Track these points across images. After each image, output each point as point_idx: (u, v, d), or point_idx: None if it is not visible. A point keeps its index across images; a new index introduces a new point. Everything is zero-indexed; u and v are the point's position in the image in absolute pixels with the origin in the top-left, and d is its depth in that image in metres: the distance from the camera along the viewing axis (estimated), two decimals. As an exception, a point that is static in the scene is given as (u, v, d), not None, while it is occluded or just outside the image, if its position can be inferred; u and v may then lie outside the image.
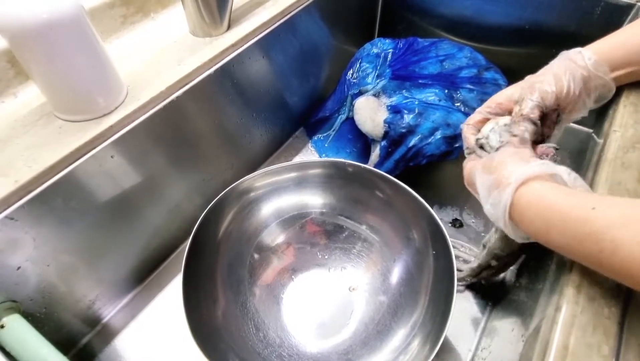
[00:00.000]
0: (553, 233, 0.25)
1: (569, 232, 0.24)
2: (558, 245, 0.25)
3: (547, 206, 0.26)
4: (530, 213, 0.27)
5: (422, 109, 0.51)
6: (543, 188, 0.27)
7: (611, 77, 0.35)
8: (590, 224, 0.23)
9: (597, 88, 0.35)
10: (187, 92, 0.42)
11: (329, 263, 0.48)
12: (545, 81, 0.34)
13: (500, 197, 0.28)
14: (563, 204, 0.25)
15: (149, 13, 0.49)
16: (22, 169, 0.32)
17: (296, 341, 0.42)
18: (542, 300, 0.27)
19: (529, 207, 0.27)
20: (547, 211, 0.26)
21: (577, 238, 0.23)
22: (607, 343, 0.21)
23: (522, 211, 0.27)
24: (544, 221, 0.26)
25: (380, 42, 0.60)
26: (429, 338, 0.37)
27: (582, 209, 0.24)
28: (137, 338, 0.45)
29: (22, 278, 0.35)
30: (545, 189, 0.26)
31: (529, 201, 0.27)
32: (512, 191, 0.27)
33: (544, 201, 0.26)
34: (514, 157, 0.30)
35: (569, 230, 0.24)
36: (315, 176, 0.48)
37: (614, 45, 0.35)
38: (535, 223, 0.26)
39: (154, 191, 0.45)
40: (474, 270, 0.42)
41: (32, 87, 0.40)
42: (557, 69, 0.34)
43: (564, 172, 0.27)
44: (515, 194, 0.28)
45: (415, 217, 0.44)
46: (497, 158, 0.31)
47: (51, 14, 0.30)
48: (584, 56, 0.34)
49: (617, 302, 0.23)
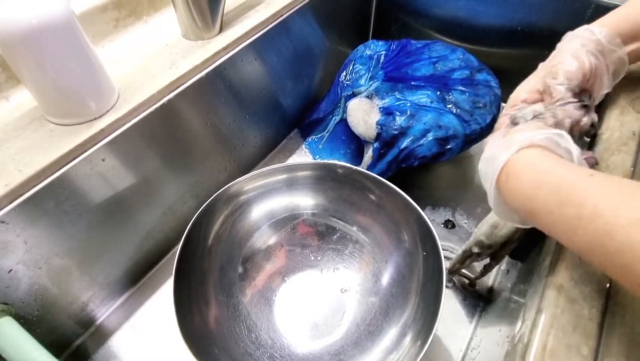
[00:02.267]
0: (537, 198, 0.24)
1: (554, 196, 0.23)
2: (536, 211, 0.25)
3: (540, 169, 0.25)
4: (519, 176, 0.26)
5: (414, 111, 0.51)
6: (544, 155, 0.26)
7: (625, 51, 0.33)
8: (579, 190, 0.22)
9: (614, 63, 0.33)
10: (179, 95, 0.42)
11: (321, 265, 0.48)
12: (564, 61, 0.32)
13: (499, 154, 0.27)
14: (558, 170, 0.24)
15: (142, 16, 0.50)
16: (13, 173, 0.33)
17: (288, 342, 0.43)
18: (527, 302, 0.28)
19: (518, 170, 0.26)
20: (537, 174, 0.25)
21: (561, 201, 0.23)
22: (586, 343, 0.22)
23: (511, 172, 0.26)
24: (531, 183, 0.25)
25: (373, 44, 0.60)
26: (419, 337, 0.37)
27: (578, 174, 0.23)
28: (130, 339, 0.45)
29: (14, 281, 0.35)
30: (546, 157, 0.25)
31: (519, 166, 0.26)
32: (513, 151, 0.26)
33: (539, 165, 0.25)
34: (535, 129, 0.28)
35: (556, 194, 0.23)
36: (306, 178, 0.49)
37: (620, 18, 0.34)
38: (524, 186, 0.25)
39: (147, 193, 0.45)
40: (459, 257, 0.43)
41: (23, 91, 0.40)
42: (570, 47, 0.33)
43: (574, 150, 0.26)
44: (515, 154, 0.26)
45: (405, 218, 0.44)
46: (520, 127, 0.29)
47: (41, 19, 0.31)
48: (594, 31, 0.33)
49: (598, 303, 0.23)
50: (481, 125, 0.51)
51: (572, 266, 0.25)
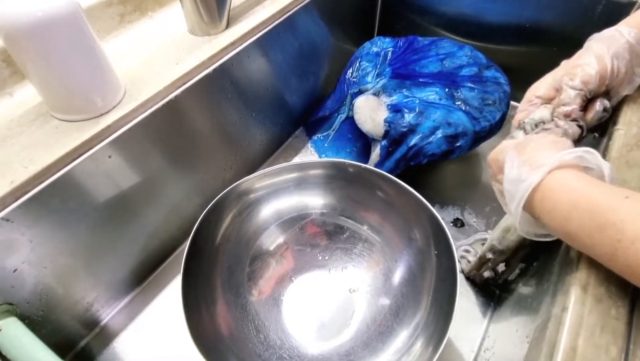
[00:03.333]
0: (573, 219, 0.24)
1: (593, 217, 0.23)
2: (573, 233, 0.24)
3: (576, 190, 0.25)
4: (555, 197, 0.25)
5: (422, 108, 0.50)
6: (575, 176, 0.25)
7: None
8: (617, 212, 0.22)
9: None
10: (185, 91, 0.42)
11: (330, 264, 0.47)
12: (585, 63, 0.32)
13: (528, 175, 0.27)
14: (595, 190, 0.24)
15: (147, 12, 0.49)
16: (18, 170, 0.32)
17: (297, 342, 0.42)
18: (547, 301, 0.27)
19: (554, 191, 0.26)
20: (573, 195, 0.24)
21: (599, 224, 0.22)
22: (615, 344, 0.21)
23: (546, 194, 0.26)
24: (568, 205, 0.24)
25: (380, 41, 0.60)
26: (432, 340, 0.36)
27: (615, 196, 0.23)
28: (136, 340, 0.44)
29: (19, 281, 0.34)
30: (577, 177, 0.25)
31: (555, 187, 0.26)
32: (544, 172, 0.26)
33: (573, 185, 0.25)
34: (552, 145, 0.28)
35: (594, 215, 0.23)
36: (315, 176, 0.48)
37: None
38: (557, 208, 0.25)
39: (153, 191, 0.44)
40: (475, 263, 0.43)
41: (28, 87, 0.39)
42: (597, 48, 0.32)
43: (605, 167, 0.26)
44: (547, 176, 0.26)
45: (416, 217, 0.43)
46: (535, 142, 0.29)
47: (46, 12, 0.30)
48: (622, 32, 0.33)
49: (625, 302, 0.22)
50: (490, 122, 0.51)
51: (596, 264, 0.25)
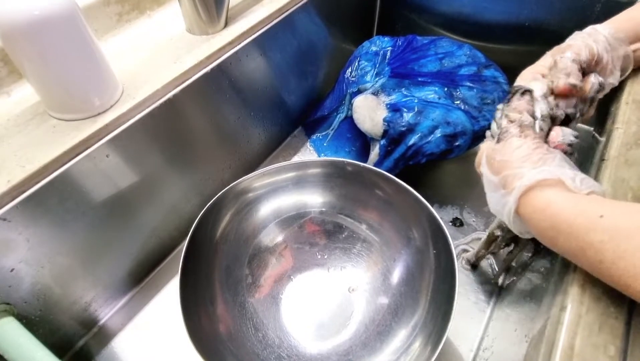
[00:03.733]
0: (560, 240, 0.25)
1: (573, 240, 0.23)
2: (565, 252, 0.25)
3: (554, 213, 0.25)
4: (536, 218, 0.26)
5: (421, 107, 0.50)
6: (549, 194, 0.26)
7: (630, 49, 0.34)
8: (593, 233, 0.22)
9: (620, 58, 0.34)
10: (183, 90, 0.42)
11: (329, 263, 0.47)
12: (572, 43, 0.33)
13: (505, 200, 0.28)
14: (569, 212, 0.24)
15: (145, 11, 0.49)
16: (15, 169, 0.32)
17: (295, 341, 0.42)
18: (546, 300, 0.27)
19: (535, 212, 0.26)
20: (553, 217, 0.25)
21: (580, 246, 0.23)
22: (613, 343, 0.21)
23: (529, 215, 0.27)
24: (551, 227, 0.25)
25: (379, 40, 0.59)
26: (430, 339, 0.36)
27: (588, 217, 0.23)
28: (134, 340, 0.44)
29: (16, 280, 0.34)
30: (551, 196, 0.26)
31: (534, 207, 0.26)
32: (517, 197, 0.27)
33: (551, 207, 0.25)
34: (518, 154, 0.29)
35: (574, 238, 0.23)
36: (314, 175, 0.48)
37: (623, 19, 0.35)
38: (543, 227, 0.26)
39: (151, 190, 0.44)
40: (483, 242, 0.42)
41: (25, 86, 0.39)
42: (579, 36, 0.34)
43: (567, 178, 0.26)
44: (520, 199, 0.27)
45: (415, 216, 0.43)
46: (500, 156, 0.30)
47: (43, 11, 0.30)
48: (597, 29, 0.34)
49: (624, 301, 0.22)
50: (490, 121, 0.50)
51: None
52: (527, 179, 0.27)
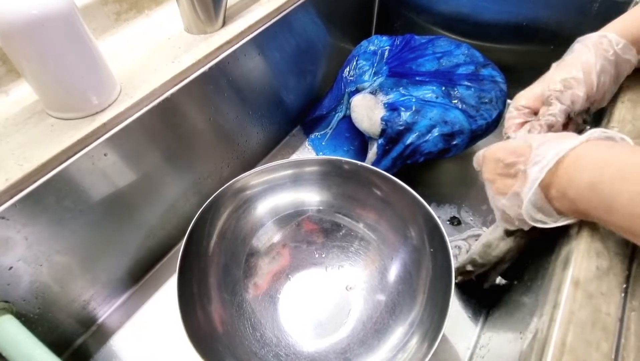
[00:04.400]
0: (606, 180, 0.23)
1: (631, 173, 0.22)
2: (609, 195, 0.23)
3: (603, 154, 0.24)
4: (584, 163, 0.25)
5: (419, 107, 0.51)
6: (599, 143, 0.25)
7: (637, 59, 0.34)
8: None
9: (625, 71, 0.34)
10: (181, 89, 0.42)
11: (326, 262, 0.48)
12: (575, 81, 0.32)
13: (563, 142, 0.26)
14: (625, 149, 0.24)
15: (143, 10, 0.49)
16: (13, 168, 0.32)
17: (293, 340, 0.42)
18: (541, 298, 0.27)
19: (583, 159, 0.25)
20: (606, 156, 0.24)
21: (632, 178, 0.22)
22: (606, 340, 0.21)
23: (575, 161, 0.25)
24: (599, 168, 0.24)
25: (377, 40, 0.60)
26: (427, 336, 0.37)
27: None
28: (132, 338, 0.44)
29: (15, 279, 0.34)
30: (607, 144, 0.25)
31: (584, 154, 0.25)
32: (581, 140, 0.25)
33: (602, 150, 0.24)
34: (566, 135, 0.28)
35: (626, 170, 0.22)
36: (311, 173, 0.48)
37: (634, 24, 0.34)
38: (588, 172, 0.24)
39: (149, 189, 0.44)
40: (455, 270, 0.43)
41: (23, 85, 0.39)
42: (587, 59, 0.32)
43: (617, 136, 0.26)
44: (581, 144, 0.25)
45: (412, 215, 0.43)
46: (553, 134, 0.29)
47: (41, 10, 0.30)
48: (612, 41, 0.33)
49: (617, 299, 0.23)
50: (487, 120, 0.51)
51: (588, 261, 0.25)
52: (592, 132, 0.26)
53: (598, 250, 0.25)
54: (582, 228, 0.27)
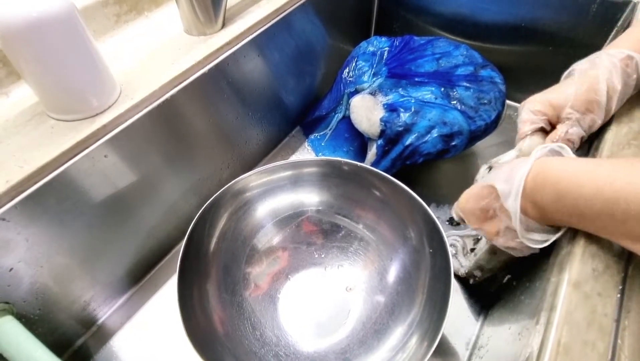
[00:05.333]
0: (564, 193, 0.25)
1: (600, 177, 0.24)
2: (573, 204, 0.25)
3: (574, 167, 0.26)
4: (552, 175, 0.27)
5: (418, 108, 0.51)
6: (563, 158, 0.28)
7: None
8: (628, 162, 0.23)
9: (630, 90, 0.34)
10: (181, 91, 0.42)
11: (326, 262, 0.48)
12: (598, 105, 0.32)
13: (519, 168, 0.28)
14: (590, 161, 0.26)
15: (143, 12, 0.49)
16: (14, 169, 0.32)
17: (293, 340, 0.42)
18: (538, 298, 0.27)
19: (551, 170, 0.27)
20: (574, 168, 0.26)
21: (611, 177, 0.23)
22: (602, 340, 0.21)
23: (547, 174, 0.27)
24: (554, 183, 0.26)
25: (376, 41, 0.60)
26: (426, 336, 0.37)
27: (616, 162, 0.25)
28: (132, 338, 0.44)
29: (15, 280, 0.35)
30: (566, 158, 0.28)
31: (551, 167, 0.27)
32: (534, 158, 0.28)
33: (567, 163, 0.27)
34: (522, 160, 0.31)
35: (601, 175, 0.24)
36: (311, 174, 0.48)
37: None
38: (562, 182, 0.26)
39: (149, 190, 0.44)
40: (463, 275, 0.44)
41: (24, 87, 0.39)
42: (612, 83, 0.32)
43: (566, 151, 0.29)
44: (534, 163, 0.28)
45: (411, 215, 0.43)
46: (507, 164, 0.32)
47: (41, 12, 0.30)
48: (638, 64, 0.33)
49: (613, 300, 0.23)
50: (486, 121, 0.51)
51: (584, 262, 0.25)
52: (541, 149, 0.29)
53: (594, 252, 0.25)
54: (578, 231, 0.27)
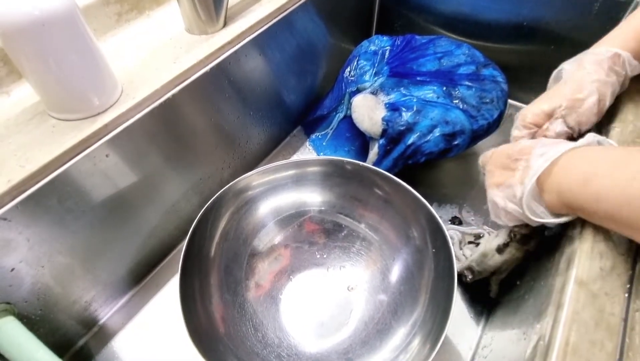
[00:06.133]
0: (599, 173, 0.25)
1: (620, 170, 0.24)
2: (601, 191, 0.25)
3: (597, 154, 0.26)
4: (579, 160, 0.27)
5: (420, 107, 0.51)
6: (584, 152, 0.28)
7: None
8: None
9: (623, 87, 0.35)
10: (183, 90, 0.42)
11: (328, 262, 0.48)
12: (587, 105, 0.33)
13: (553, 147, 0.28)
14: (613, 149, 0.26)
15: (144, 10, 0.49)
16: (15, 169, 0.32)
17: (295, 341, 0.42)
18: (544, 298, 0.27)
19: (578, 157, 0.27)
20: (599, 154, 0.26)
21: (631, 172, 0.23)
22: (610, 339, 0.21)
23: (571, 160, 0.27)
24: (593, 163, 0.26)
25: (377, 40, 0.60)
26: (429, 337, 0.36)
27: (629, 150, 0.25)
28: (134, 339, 0.44)
29: (17, 280, 0.34)
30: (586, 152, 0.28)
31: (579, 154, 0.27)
32: (575, 144, 0.28)
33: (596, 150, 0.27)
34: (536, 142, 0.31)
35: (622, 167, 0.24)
36: (313, 174, 0.48)
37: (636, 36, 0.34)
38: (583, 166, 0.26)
39: (151, 190, 0.44)
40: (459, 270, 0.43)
41: (25, 86, 0.39)
42: (601, 84, 0.33)
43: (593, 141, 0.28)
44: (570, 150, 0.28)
45: (414, 215, 0.43)
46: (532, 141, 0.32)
47: (43, 11, 0.30)
48: (626, 61, 0.33)
49: (621, 299, 0.23)
50: (488, 120, 0.51)
51: (591, 261, 0.25)
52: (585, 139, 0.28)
53: (601, 251, 0.25)
54: (585, 229, 0.27)
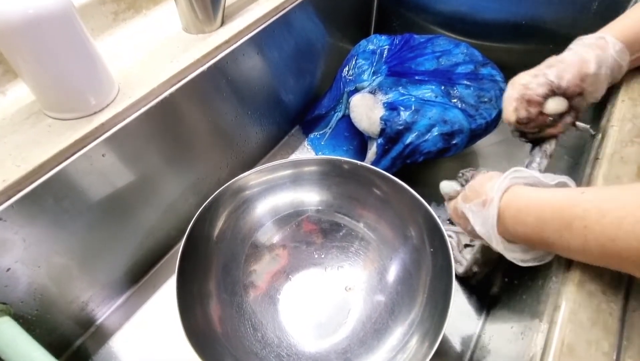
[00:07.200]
0: (547, 227, 0.25)
1: (558, 219, 0.24)
2: (553, 240, 0.25)
3: (536, 202, 0.26)
4: (522, 216, 0.27)
5: (418, 106, 0.50)
6: (526, 190, 0.27)
7: (628, 63, 0.34)
8: (576, 206, 0.23)
9: (616, 73, 0.35)
10: (180, 89, 0.42)
11: (326, 262, 0.47)
12: (568, 62, 0.33)
13: (488, 212, 0.29)
14: (551, 197, 0.25)
15: (141, 10, 0.49)
16: (11, 168, 0.32)
17: (294, 340, 0.42)
18: (541, 297, 0.27)
19: (519, 210, 0.27)
20: (537, 207, 0.26)
21: (566, 221, 0.23)
22: (607, 339, 0.21)
23: (514, 216, 0.27)
24: (536, 218, 0.26)
25: (376, 39, 0.59)
26: (427, 337, 0.36)
27: (570, 196, 0.24)
28: (131, 339, 0.44)
29: (12, 280, 0.34)
30: (529, 191, 0.27)
31: (518, 205, 0.27)
32: (497, 200, 0.28)
33: (532, 200, 0.26)
34: (488, 175, 0.31)
35: (558, 217, 0.24)
36: (311, 173, 0.48)
37: (631, 28, 0.34)
38: (528, 223, 0.26)
39: (148, 190, 0.44)
40: (463, 274, 0.44)
41: (21, 85, 0.39)
42: (584, 52, 0.33)
43: (537, 175, 0.28)
44: (500, 203, 0.28)
45: (412, 214, 0.43)
46: (472, 184, 0.32)
47: (38, 10, 0.30)
48: (609, 43, 0.33)
49: (618, 298, 0.23)
50: (487, 119, 0.50)
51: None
52: (501, 181, 0.28)
53: (599, 249, 0.25)
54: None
